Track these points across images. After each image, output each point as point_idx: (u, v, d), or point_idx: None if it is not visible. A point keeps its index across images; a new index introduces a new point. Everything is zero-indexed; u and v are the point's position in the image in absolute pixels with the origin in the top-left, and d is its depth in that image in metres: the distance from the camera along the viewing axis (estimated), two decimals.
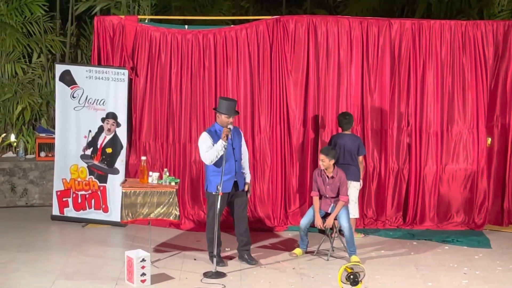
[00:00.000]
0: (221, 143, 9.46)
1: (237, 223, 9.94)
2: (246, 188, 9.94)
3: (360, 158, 10.85)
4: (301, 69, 11.45)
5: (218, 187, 9.41)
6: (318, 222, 10.10)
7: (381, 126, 11.52)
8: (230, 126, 9.58)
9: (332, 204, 10.15)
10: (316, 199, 10.18)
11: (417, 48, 11.44)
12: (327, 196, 10.15)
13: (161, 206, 9.81)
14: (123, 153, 11.42)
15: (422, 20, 11.63)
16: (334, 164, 10.10)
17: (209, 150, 9.52)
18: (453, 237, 11.07)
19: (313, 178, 10.34)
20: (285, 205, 11.61)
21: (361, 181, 10.90)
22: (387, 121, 11.49)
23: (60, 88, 11.53)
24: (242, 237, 9.98)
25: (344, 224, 10.01)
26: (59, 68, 11.58)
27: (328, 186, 10.11)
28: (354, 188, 10.73)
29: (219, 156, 9.49)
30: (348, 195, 10.20)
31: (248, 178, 9.98)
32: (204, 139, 9.61)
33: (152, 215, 9.82)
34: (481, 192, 11.63)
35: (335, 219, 10.09)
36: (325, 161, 10.05)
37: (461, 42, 11.47)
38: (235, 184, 9.78)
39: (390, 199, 11.62)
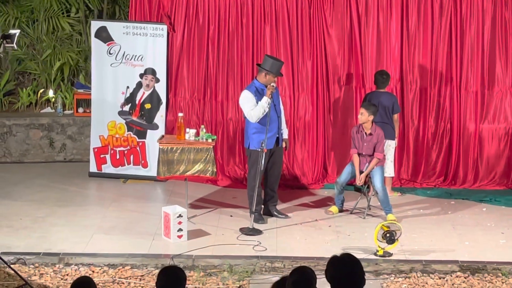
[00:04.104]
0: (266, 100, 9.43)
1: (271, 179, 9.95)
2: (284, 145, 9.95)
3: (396, 116, 10.76)
4: (341, 27, 11.31)
5: (263, 144, 9.40)
6: (359, 178, 10.01)
7: (421, 84, 11.38)
8: (274, 84, 9.54)
9: (367, 164, 10.06)
10: (356, 157, 10.07)
11: (458, 3, 11.23)
12: (364, 153, 10.06)
13: (198, 163, 9.84)
14: (162, 109, 11.44)
15: None
16: (372, 121, 10.01)
17: (254, 108, 9.51)
18: (491, 197, 10.97)
19: (351, 135, 10.27)
20: (324, 163, 11.55)
21: (396, 139, 10.83)
22: (427, 80, 11.35)
23: (96, 45, 11.52)
24: (273, 193, 10.01)
25: (377, 184, 9.91)
26: (95, 25, 11.56)
27: (365, 143, 10.01)
28: (389, 147, 10.66)
29: (264, 113, 9.47)
30: (384, 153, 10.13)
31: (285, 134, 9.98)
32: (249, 98, 9.57)
33: (189, 173, 9.86)
34: None
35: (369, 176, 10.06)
36: (364, 115, 9.92)
37: None
38: (277, 140, 9.79)
39: (428, 158, 11.51)
